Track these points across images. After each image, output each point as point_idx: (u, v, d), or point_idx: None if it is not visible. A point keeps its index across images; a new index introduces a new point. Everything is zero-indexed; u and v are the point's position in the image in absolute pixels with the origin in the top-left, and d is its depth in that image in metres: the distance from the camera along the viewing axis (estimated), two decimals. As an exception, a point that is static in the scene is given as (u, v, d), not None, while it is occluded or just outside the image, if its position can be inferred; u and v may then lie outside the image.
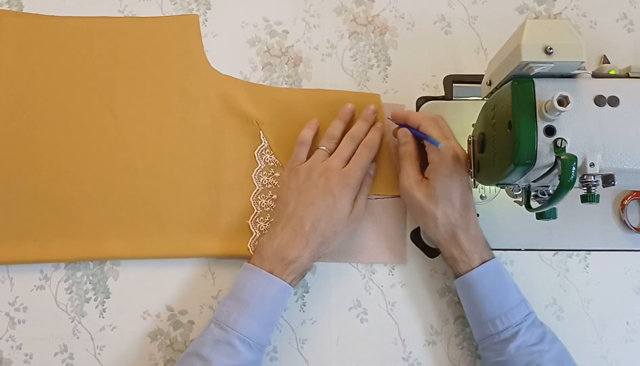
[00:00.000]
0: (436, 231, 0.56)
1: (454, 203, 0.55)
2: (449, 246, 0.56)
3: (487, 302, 0.54)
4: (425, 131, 0.56)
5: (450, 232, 0.56)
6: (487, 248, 0.57)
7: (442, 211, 0.55)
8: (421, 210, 0.57)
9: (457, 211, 0.55)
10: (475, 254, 0.55)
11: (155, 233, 0.61)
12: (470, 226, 0.56)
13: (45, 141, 0.62)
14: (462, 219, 0.55)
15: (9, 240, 0.60)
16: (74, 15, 0.65)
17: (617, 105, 0.45)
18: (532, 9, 0.68)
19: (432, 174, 0.56)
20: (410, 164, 0.58)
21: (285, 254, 0.54)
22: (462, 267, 0.55)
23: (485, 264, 0.55)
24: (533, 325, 0.54)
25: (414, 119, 0.58)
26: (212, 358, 0.51)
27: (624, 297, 0.62)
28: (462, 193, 0.56)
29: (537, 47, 0.43)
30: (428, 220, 0.56)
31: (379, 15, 0.67)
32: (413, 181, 0.57)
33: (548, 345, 0.53)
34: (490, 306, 0.54)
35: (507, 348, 0.52)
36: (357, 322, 0.61)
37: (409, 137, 0.59)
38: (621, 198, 0.63)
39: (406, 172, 0.58)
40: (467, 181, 0.57)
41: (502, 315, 0.53)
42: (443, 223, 0.55)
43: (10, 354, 0.60)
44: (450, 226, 0.55)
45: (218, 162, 0.63)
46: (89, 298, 0.61)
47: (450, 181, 0.55)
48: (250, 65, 0.66)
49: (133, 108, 0.63)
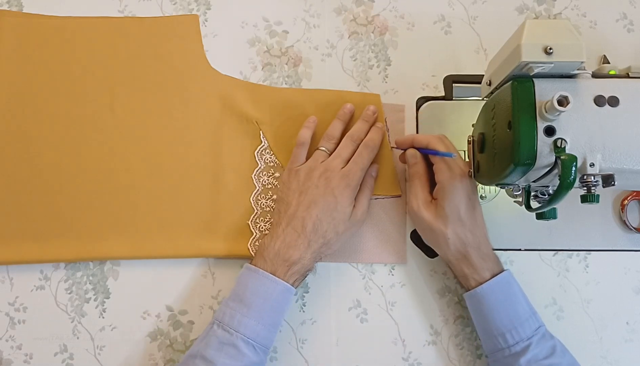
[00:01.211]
0: (447, 251, 0.56)
1: (464, 222, 0.55)
2: (460, 264, 0.56)
3: (497, 315, 0.54)
4: (434, 148, 0.56)
5: (461, 251, 0.55)
6: (498, 262, 0.56)
7: (452, 230, 0.55)
8: (431, 230, 0.56)
9: (468, 230, 0.55)
10: (487, 271, 0.55)
11: (155, 233, 0.61)
12: (481, 244, 0.56)
13: (45, 141, 0.62)
14: (473, 237, 0.55)
15: (9, 240, 0.60)
16: (74, 15, 0.65)
17: (617, 105, 0.45)
18: (532, 9, 0.68)
19: (441, 194, 0.56)
20: (420, 184, 0.58)
21: (287, 255, 0.54)
22: (472, 283, 0.55)
23: (496, 277, 0.54)
24: (543, 338, 0.53)
25: (421, 139, 0.58)
26: (216, 360, 0.51)
27: (624, 297, 0.62)
28: (472, 210, 0.56)
29: (537, 47, 0.43)
30: (439, 240, 0.56)
31: (379, 16, 0.67)
32: (421, 202, 0.57)
33: (559, 358, 0.53)
34: (500, 320, 0.54)
35: (518, 362, 0.52)
36: (357, 322, 0.61)
37: (418, 158, 0.58)
38: (621, 198, 0.63)
39: (415, 194, 0.58)
40: (476, 199, 0.56)
41: (513, 329, 0.53)
42: (454, 242, 0.55)
43: (10, 354, 0.60)
44: (462, 244, 0.55)
45: (218, 162, 0.63)
46: (89, 298, 0.61)
47: (459, 199, 0.55)
48: (250, 65, 0.66)
49: (133, 108, 0.63)
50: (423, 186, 0.58)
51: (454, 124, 0.63)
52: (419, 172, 0.58)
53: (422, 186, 0.58)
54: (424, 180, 0.58)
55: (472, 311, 0.57)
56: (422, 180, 0.58)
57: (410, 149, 0.59)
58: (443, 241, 0.56)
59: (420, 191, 0.57)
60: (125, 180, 0.62)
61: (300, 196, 0.57)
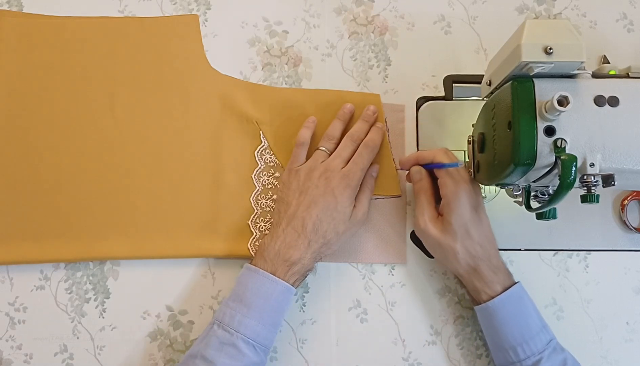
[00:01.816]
0: (457, 266, 0.56)
1: (473, 235, 0.55)
2: (470, 278, 0.55)
3: (509, 329, 0.53)
4: (439, 161, 0.56)
5: (471, 265, 0.55)
6: (509, 274, 0.56)
7: (461, 244, 0.55)
8: (439, 246, 0.56)
9: (477, 243, 0.55)
10: (498, 285, 0.55)
11: (155, 233, 0.61)
12: (491, 257, 0.55)
13: (45, 141, 0.62)
14: (482, 251, 0.55)
15: (9, 240, 0.60)
16: (74, 15, 0.65)
17: (617, 105, 0.45)
18: (532, 9, 0.68)
19: (447, 209, 0.55)
20: (426, 200, 0.57)
21: (287, 255, 0.54)
22: (484, 297, 0.55)
23: (508, 291, 0.54)
24: (554, 352, 0.53)
25: (425, 155, 0.58)
26: (217, 361, 0.51)
27: (624, 297, 0.62)
28: (479, 223, 0.55)
29: (537, 47, 0.43)
30: (448, 255, 0.56)
31: (379, 16, 0.67)
32: (428, 218, 0.56)
33: None
34: (512, 333, 0.53)
35: None
36: (357, 322, 0.61)
37: (422, 174, 0.58)
38: (621, 198, 0.63)
39: (421, 210, 0.57)
40: (483, 211, 0.56)
41: (524, 343, 0.53)
42: (464, 257, 0.55)
43: (10, 354, 0.60)
44: (472, 258, 0.55)
45: (218, 162, 0.63)
46: (89, 298, 0.61)
47: (465, 213, 0.54)
48: (250, 65, 0.66)
49: (133, 108, 0.63)
50: (429, 202, 0.57)
51: (454, 124, 0.63)
52: (424, 188, 0.57)
53: (428, 202, 0.57)
54: (429, 196, 0.57)
55: (483, 324, 0.57)
56: (427, 196, 0.57)
57: (415, 166, 0.58)
58: (453, 257, 0.55)
59: (426, 207, 0.57)
60: (125, 180, 0.62)
61: (300, 196, 0.57)
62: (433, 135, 0.64)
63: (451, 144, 0.62)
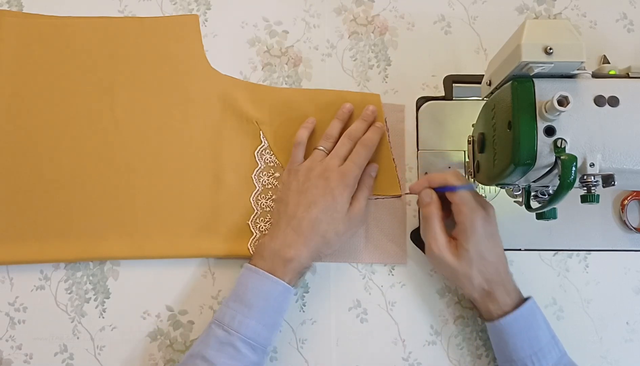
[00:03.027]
0: (472, 290, 0.55)
1: (488, 261, 0.54)
2: (484, 302, 0.55)
3: (519, 342, 0.53)
4: (452, 184, 0.55)
5: (485, 289, 0.55)
6: (520, 294, 0.56)
7: (477, 270, 0.54)
8: (454, 272, 0.55)
9: (492, 267, 0.55)
10: (510, 306, 0.54)
11: (155, 233, 0.61)
12: (504, 280, 0.55)
13: (45, 141, 0.62)
14: (497, 275, 0.55)
15: (9, 240, 0.60)
16: (74, 15, 0.65)
17: (617, 105, 0.45)
18: (532, 9, 0.68)
19: (463, 236, 0.54)
20: (437, 224, 0.56)
21: (286, 255, 0.54)
22: (495, 316, 0.55)
23: (521, 308, 0.54)
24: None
25: (436, 178, 0.56)
26: (216, 361, 0.51)
27: (624, 297, 0.62)
28: (494, 247, 0.55)
29: (537, 47, 0.43)
30: (463, 281, 0.55)
31: (379, 16, 0.67)
32: (442, 244, 0.55)
33: None
34: (522, 346, 0.53)
35: None
36: (357, 322, 0.61)
37: (432, 198, 0.56)
38: (621, 198, 0.63)
39: (433, 235, 0.56)
40: (498, 234, 0.56)
41: (533, 355, 0.53)
42: (479, 282, 0.54)
43: (10, 354, 0.60)
44: (487, 283, 0.54)
45: (218, 162, 0.63)
46: (89, 298, 0.61)
47: (482, 240, 0.54)
48: (250, 65, 0.66)
49: (133, 108, 0.63)
50: (441, 227, 0.56)
51: (454, 124, 0.63)
52: (434, 212, 0.56)
53: (439, 226, 0.56)
54: (439, 219, 0.56)
55: (492, 338, 0.57)
56: (437, 219, 0.56)
57: (426, 190, 0.57)
58: (467, 282, 0.55)
59: (438, 232, 0.56)
60: (125, 180, 0.62)
61: (299, 196, 0.57)
62: (433, 135, 0.64)
63: (451, 144, 0.62)
